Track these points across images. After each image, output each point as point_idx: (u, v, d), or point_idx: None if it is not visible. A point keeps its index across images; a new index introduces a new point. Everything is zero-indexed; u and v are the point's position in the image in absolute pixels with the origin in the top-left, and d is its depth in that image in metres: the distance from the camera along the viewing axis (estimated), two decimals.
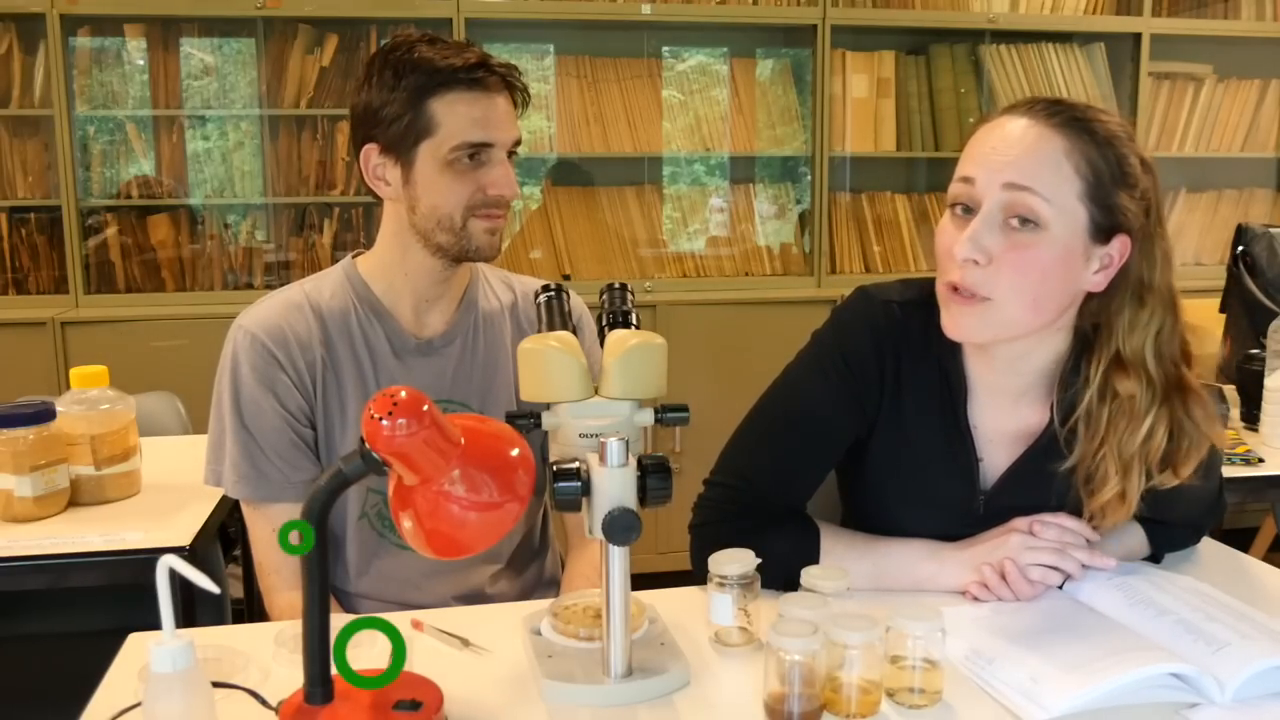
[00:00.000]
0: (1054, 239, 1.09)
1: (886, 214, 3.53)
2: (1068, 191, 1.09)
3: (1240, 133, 3.70)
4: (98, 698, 0.99)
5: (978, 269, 1.10)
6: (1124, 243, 1.12)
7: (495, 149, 1.34)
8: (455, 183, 1.33)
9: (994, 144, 1.11)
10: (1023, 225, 1.09)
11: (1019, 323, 1.13)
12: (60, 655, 1.50)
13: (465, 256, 1.37)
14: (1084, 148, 1.09)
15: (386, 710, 0.90)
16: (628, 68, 3.37)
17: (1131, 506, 1.15)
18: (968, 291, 1.11)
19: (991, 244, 1.09)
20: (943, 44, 3.48)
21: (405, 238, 1.38)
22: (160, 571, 0.83)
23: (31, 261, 3.11)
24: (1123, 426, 1.14)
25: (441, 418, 0.87)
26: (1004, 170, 1.09)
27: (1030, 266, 1.09)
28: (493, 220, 1.36)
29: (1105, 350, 1.15)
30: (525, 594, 1.51)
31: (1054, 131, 1.10)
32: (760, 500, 1.23)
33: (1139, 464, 1.14)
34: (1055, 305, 1.13)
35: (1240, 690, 0.97)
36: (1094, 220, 1.10)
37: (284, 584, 1.37)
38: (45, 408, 1.50)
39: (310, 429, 1.38)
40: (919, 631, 0.96)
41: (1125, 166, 1.11)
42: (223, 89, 3.20)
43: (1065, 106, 1.12)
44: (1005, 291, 1.10)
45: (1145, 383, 1.13)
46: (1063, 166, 1.09)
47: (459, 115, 1.31)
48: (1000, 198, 1.09)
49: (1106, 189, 1.10)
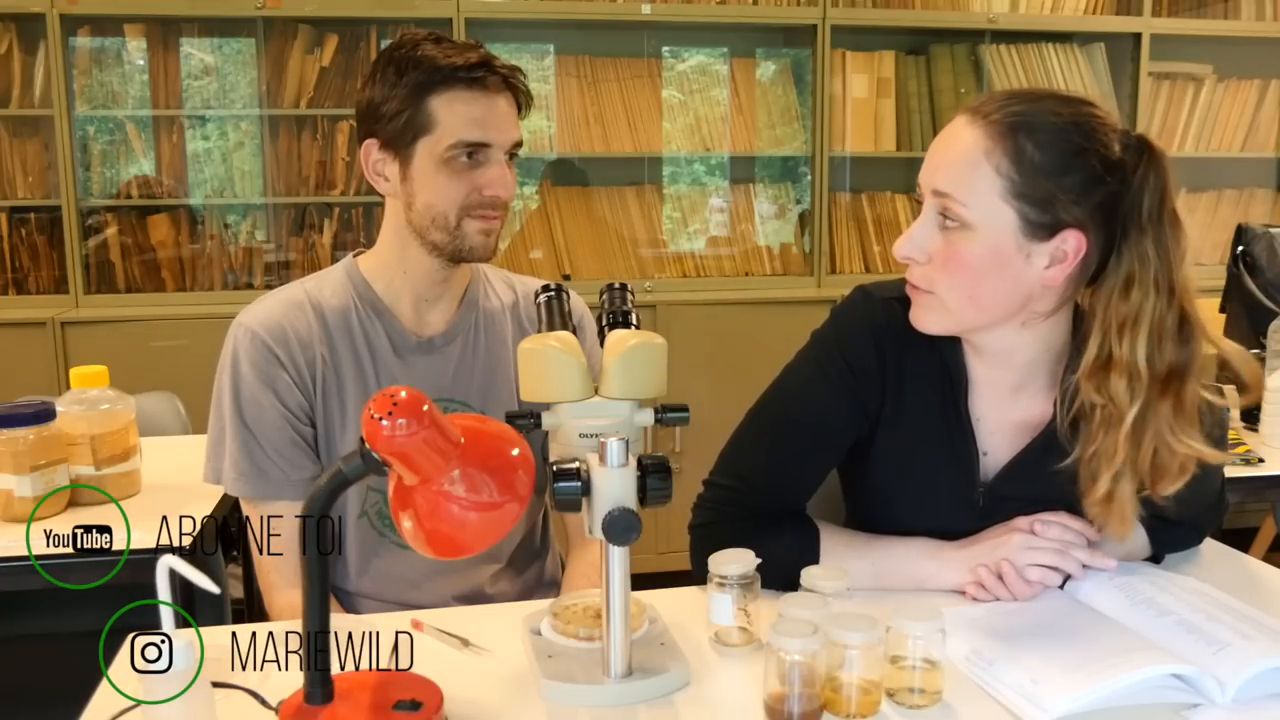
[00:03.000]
0: (980, 238, 1.10)
1: (886, 214, 3.53)
2: (987, 191, 1.09)
3: (1240, 133, 3.70)
4: (97, 698, 0.99)
5: (919, 266, 1.15)
6: (1077, 238, 1.09)
7: (493, 149, 1.34)
8: (451, 181, 1.33)
9: (935, 145, 1.15)
10: (954, 225, 1.11)
11: (965, 317, 1.15)
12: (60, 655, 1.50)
13: (459, 256, 1.37)
14: (1009, 145, 1.08)
15: (386, 710, 0.90)
16: (628, 68, 3.37)
17: (1125, 514, 1.12)
18: (912, 286, 1.17)
19: (928, 243, 1.13)
20: (943, 44, 3.48)
21: (404, 235, 1.38)
22: (160, 571, 0.83)
23: (31, 261, 3.10)
24: (1109, 429, 1.11)
25: (441, 418, 0.87)
26: (933, 175, 1.13)
27: (959, 265, 1.12)
28: (487, 221, 1.36)
29: (1093, 346, 1.12)
30: (525, 594, 1.51)
31: (981, 132, 1.10)
32: (760, 500, 1.23)
33: (1129, 471, 1.11)
34: (1001, 302, 1.13)
35: (1241, 691, 0.97)
36: (1026, 219, 1.09)
37: (284, 583, 1.37)
38: (45, 408, 1.50)
39: (310, 427, 1.38)
40: (919, 631, 0.96)
41: (1075, 160, 1.08)
42: (223, 89, 3.20)
43: (1011, 100, 1.11)
44: (943, 288, 1.14)
45: (1129, 384, 1.09)
46: (981, 167, 1.09)
47: (457, 114, 1.31)
48: (932, 200, 1.13)
49: (1039, 186, 1.08)
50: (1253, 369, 1.11)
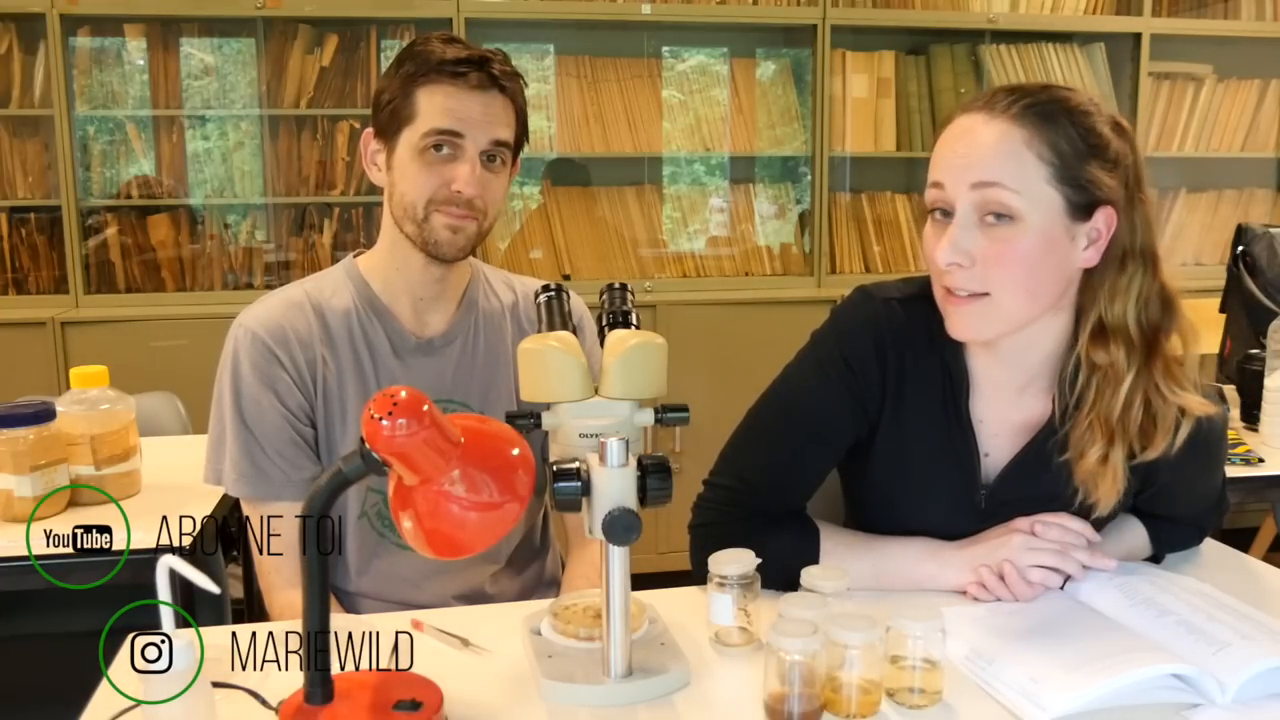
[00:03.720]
0: (1032, 227, 1.10)
1: (886, 214, 3.53)
2: (1035, 178, 1.09)
3: (1240, 133, 3.70)
4: (98, 698, 0.99)
5: (964, 271, 1.12)
6: (1109, 215, 1.12)
7: (465, 142, 1.33)
8: (422, 173, 1.33)
9: (956, 145, 1.13)
10: (999, 220, 1.10)
11: (1019, 313, 1.14)
12: (60, 655, 1.50)
13: (428, 251, 1.37)
14: (1043, 132, 1.10)
15: (386, 710, 0.90)
16: (628, 68, 3.37)
17: (1117, 476, 1.14)
18: (962, 292, 1.13)
19: (972, 245, 1.11)
20: (943, 44, 3.48)
21: (395, 230, 1.39)
22: (160, 571, 0.83)
23: (31, 261, 3.10)
24: (1106, 394, 1.14)
25: (441, 418, 0.87)
26: (969, 170, 1.11)
27: (1014, 259, 1.10)
28: (454, 218, 1.35)
29: (1089, 319, 1.15)
30: (525, 594, 1.51)
31: (1011, 123, 1.10)
32: (760, 500, 1.23)
33: (1121, 434, 1.14)
34: (1051, 290, 1.14)
35: (1241, 691, 0.97)
36: (1069, 200, 1.10)
37: (284, 582, 1.37)
38: (45, 408, 1.50)
39: (310, 427, 1.38)
40: (919, 631, 0.96)
41: (1093, 139, 1.11)
42: (223, 89, 3.20)
43: (1021, 94, 1.12)
44: (999, 285, 1.11)
45: (1126, 348, 1.14)
46: (1024, 156, 1.09)
47: (435, 104, 1.32)
48: (971, 197, 1.11)
49: (1075, 167, 1.10)
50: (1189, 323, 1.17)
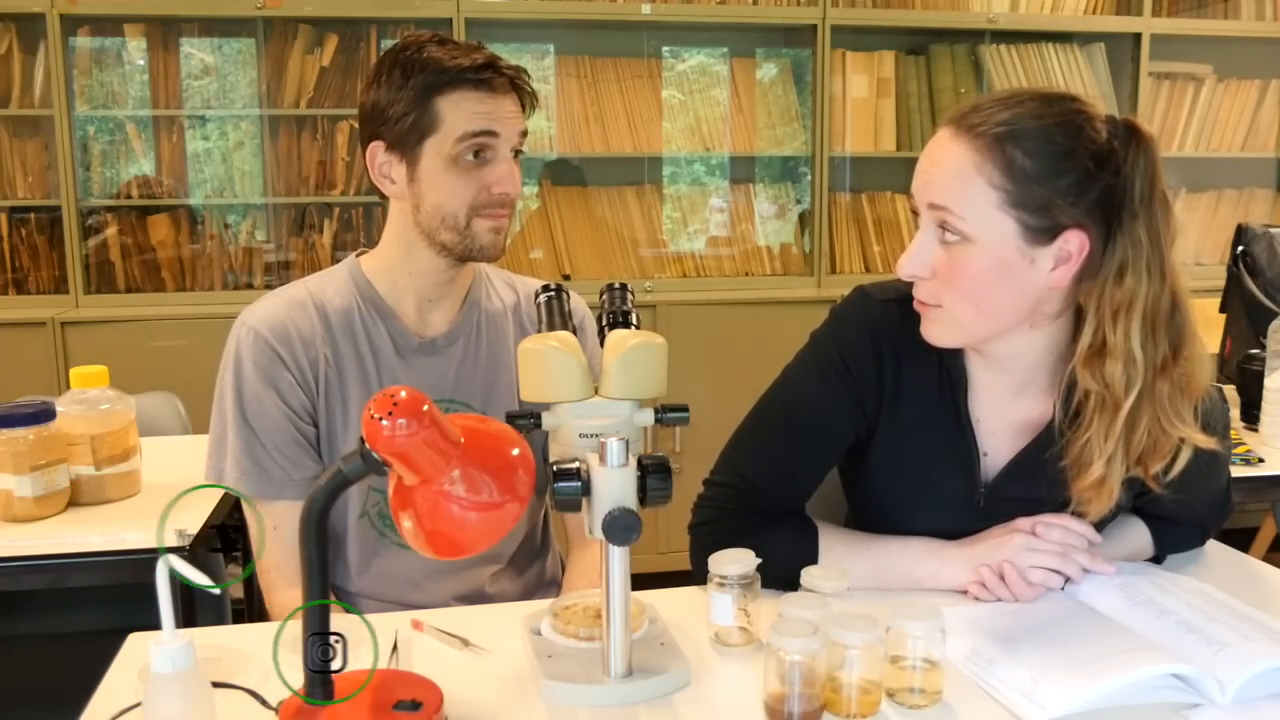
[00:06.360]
0: (982, 250, 1.09)
1: (886, 214, 3.53)
2: (983, 203, 1.08)
3: (1240, 133, 3.70)
4: (98, 698, 0.99)
5: (924, 283, 1.14)
6: (1079, 237, 1.09)
7: (500, 141, 1.34)
8: (459, 181, 1.33)
9: (924, 160, 1.14)
10: (954, 238, 1.10)
11: (978, 327, 1.14)
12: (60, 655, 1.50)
13: (469, 256, 1.38)
14: (1000, 157, 1.07)
15: (386, 710, 0.91)
16: (628, 68, 3.37)
17: (1112, 494, 1.13)
18: (920, 302, 1.15)
19: (931, 258, 1.12)
20: (943, 44, 3.48)
21: (410, 237, 1.38)
22: (160, 571, 0.83)
23: (31, 261, 3.10)
24: (1105, 415, 1.12)
25: (442, 418, 0.87)
26: (928, 189, 1.12)
27: (963, 278, 1.10)
28: (497, 219, 1.36)
29: (1087, 332, 1.12)
30: (526, 594, 1.51)
31: (966, 145, 1.09)
32: (759, 500, 1.23)
33: (1121, 455, 1.12)
34: (1011, 308, 1.13)
35: (1241, 691, 0.97)
36: (1025, 225, 1.08)
37: (284, 581, 1.37)
38: (45, 408, 1.50)
39: (312, 426, 1.38)
40: (919, 631, 0.96)
41: (1066, 162, 1.07)
42: (223, 89, 3.20)
43: (994, 110, 1.09)
44: (950, 301, 1.13)
45: (1125, 373, 1.10)
46: (974, 181, 1.08)
47: (463, 111, 1.31)
48: (930, 214, 1.12)
49: (1034, 193, 1.07)
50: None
